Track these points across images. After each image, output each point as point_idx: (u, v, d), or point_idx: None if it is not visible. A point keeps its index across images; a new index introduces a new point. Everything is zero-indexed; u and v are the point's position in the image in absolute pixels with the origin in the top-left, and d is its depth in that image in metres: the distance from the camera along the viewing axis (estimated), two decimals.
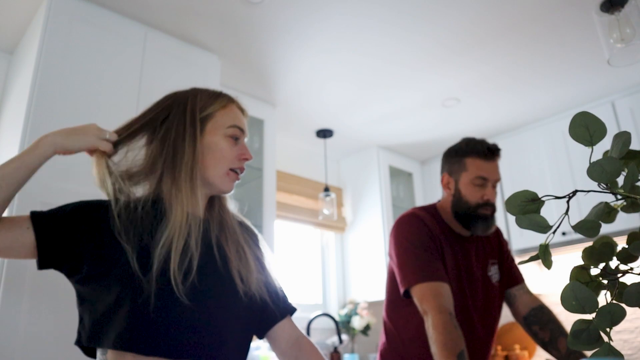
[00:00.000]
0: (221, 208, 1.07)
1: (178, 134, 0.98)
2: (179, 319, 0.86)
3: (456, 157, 1.55)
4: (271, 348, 1.08)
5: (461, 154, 1.53)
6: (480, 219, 1.48)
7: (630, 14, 1.70)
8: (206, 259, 0.96)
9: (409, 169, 3.72)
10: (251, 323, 1.00)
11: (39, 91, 1.76)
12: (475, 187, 1.49)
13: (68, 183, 1.74)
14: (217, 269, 0.96)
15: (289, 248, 3.29)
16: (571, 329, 0.53)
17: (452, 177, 1.55)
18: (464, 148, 1.53)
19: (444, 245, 1.49)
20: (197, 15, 2.11)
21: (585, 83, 2.77)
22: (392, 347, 1.55)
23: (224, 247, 1.00)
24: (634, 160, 0.54)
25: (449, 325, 1.27)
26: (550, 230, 0.54)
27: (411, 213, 1.56)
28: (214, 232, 1.01)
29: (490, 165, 1.50)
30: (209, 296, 0.91)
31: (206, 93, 1.05)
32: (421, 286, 1.38)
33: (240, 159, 1.02)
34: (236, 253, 1.00)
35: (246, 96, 2.75)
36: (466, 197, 1.50)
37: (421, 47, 2.38)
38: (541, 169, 3.09)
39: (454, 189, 1.54)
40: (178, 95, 1.04)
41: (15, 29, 2.11)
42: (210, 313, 0.90)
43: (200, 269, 0.93)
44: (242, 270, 0.98)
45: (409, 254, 1.45)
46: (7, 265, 1.55)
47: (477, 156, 1.50)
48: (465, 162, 1.51)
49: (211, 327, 0.89)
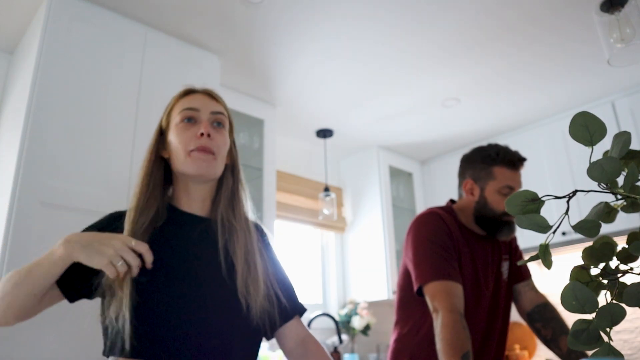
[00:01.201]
0: (228, 209, 1.03)
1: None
2: (179, 328, 0.86)
3: (483, 164, 1.54)
4: (278, 346, 1.07)
5: (489, 162, 1.52)
6: (505, 226, 1.50)
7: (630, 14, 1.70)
8: (210, 264, 0.95)
9: (409, 169, 3.72)
10: (257, 330, 0.97)
11: (39, 91, 1.76)
12: (502, 196, 1.49)
13: (68, 183, 1.74)
14: (221, 277, 0.94)
15: (289, 248, 3.29)
16: (571, 329, 0.53)
17: (477, 184, 1.54)
18: (493, 156, 1.52)
19: (461, 245, 1.50)
20: (197, 15, 2.11)
21: (585, 83, 2.77)
22: (403, 344, 1.55)
23: (232, 255, 0.97)
24: (634, 160, 0.54)
25: (458, 325, 1.28)
26: (550, 230, 0.54)
27: (431, 212, 1.56)
28: (222, 236, 0.98)
29: (516, 175, 1.52)
30: (209, 305, 0.90)
31: (173, 97, 1.08)
32: (435, 284, 1.38)
33: (197, 137, 0.99)
34: (245, 263, 0.96)
35: (246, 96, 2.75)
36: (492, 204, 1.50)
37: (421, 47, 2.38)
38: (541, 169, 3.09)
39: (478, 195, 1.53)
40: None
41: (15, 29, 2.11)
42: (211, 324, 0.89)
43: (203, 274, 0.92)
44: (250, 284, 0.94)
45: (426, 251, 1.45)
46: (7, 265, 1.55)
47: (505, 166, 1.51)
48: (494, 171, 1.51)
49: (213, 337, 0.88)
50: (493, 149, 1.55)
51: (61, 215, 1.69)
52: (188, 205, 1.02)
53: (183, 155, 0.98)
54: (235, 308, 0.92)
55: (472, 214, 1.55)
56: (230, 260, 0.96)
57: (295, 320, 1.06)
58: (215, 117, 1.03)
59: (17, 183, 1.64)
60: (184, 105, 1.02)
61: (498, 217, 1.50)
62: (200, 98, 1.04)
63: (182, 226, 0.99)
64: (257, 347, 0.99)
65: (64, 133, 1.78)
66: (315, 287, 3.44)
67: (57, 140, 1.76)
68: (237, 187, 1.06)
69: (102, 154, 1.85)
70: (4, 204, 1.68)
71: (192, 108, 1.01)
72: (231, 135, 1.09)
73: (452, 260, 1.43)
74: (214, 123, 1.03)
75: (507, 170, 1.51)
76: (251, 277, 0.95)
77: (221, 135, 1.02)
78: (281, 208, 3.11)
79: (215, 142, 1.00)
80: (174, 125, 1.01)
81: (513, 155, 1.52)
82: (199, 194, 1.02)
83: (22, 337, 1.52)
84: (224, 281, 0.94)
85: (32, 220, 1.63)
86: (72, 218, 1.69)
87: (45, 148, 1.72)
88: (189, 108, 1.01)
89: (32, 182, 1.67)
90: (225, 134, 1.04)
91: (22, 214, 1.62)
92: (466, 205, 1.57)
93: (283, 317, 1.03)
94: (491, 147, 1.56)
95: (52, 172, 1.71)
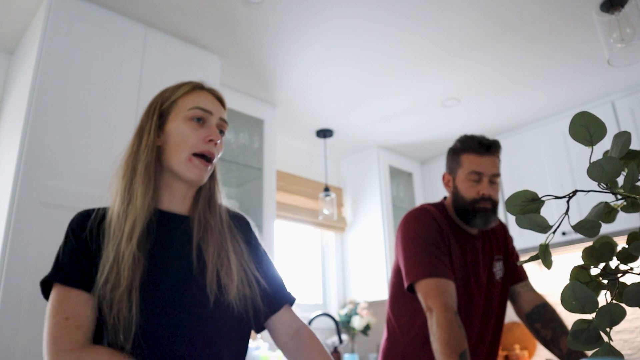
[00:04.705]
0: (206, 206, 1.01)
1: (137, 132, 0.98)
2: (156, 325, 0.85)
3: (454, 154, 1.57)
4: (273, 341, 1.05)
5: (457, 151, 1.55)
6: (478, 213, 1.48)
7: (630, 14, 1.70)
8: (183, 262, 0.93)
9: (409, 169, 3.72)
10: (238, 320, 0.94)
11: (39, 91, 1.76)
12: (470, 183, 1.49)
13: (68, 183, 1.74)
14: (192, 274, 0.92)
15: (289, 248, 3.29)
16: (571, 329, 0.53)
17: (451, 175, 1.57)
18: (460, 145, 1.55)
19: (452, 242, 1.49)
20: (197, 15, 2.11)
21: (585, 83, 2.77)
22: (394, 344, 1.54)
23: (204, 251, 0.95)
24: (634, 160, 0.54)
25: (454, 324, 1.27)
26: (550, 230, 0.54)
27: (422, 208, 1.56)
28: (197, 234, 0.96)
29: (485, 159, 1.49)
30: (183, 303, 0.89)
31: (173, 86, 1.03)
32: (427, 281, 1.37)
33: (205, 142, 0.95)
34: (218, 258, 0.94)
35: (246, 96, 2.75)
36: (462, 192, 1.51)
37: (421, 47, 2.38)
38: (541, 169, 3.09)
39: (452, 186, 1.55)
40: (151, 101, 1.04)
41: (15, 29, 2.11)
42: (183, 319, 0.87)
43: (175, 273, 0.91)
44: (223, 277, 0.92)
45: (417, 248, 1.44)
46: (7, 265, 1.55)
47: (470, 152, 1.51)
48: (461, 159, 1.53)
49: (189, 331, 0.87)
50: (462, 138, 1.56)
51: (61, 215, 1.69)
52: (169, 202, 0.99)
53: (185, 155, 0.95)
54: (205, 304, 0.90)
55: (452, 207, 1.55)
56: (202, 257, 0.94)
57: (285, 311, 1.04)
58: (221, 124, 1.02)
59: (17, 183, 1.64)
60: (198, 102, 0.98)
61: (469, 205, 1.48)
62: (213, 101, 1.01)
63: (163, 227, 0.95)
64: (243, 338, 0.97)
65: (64, 133, 1.78)
66: (315, 287, 3.44)
67: (57, 141, 1.76)
68: (214, 187, 1.05)
69: (102, 154, 1.85)
70: (4, 204, 1.68)
71: (206, 110, 0.98)
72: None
73: (443, 257, 1.42)
74: (218, 129, 1.01)
75: (473, 155, 1.50)
76: (223, 271, 0.93)
77: (221, 143, 1.01)
78: (281, 208, 3.11)
79: (217, 150, 0.99)
80: (182, 118, 0.97)
81: (478, 140, 1.51)
82: (182, 193, 1.00)
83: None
84: (195, 278, 0.92)
85: (32, 220, 1.63)
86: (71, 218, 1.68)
87: (45, 148, 1.72)
88: (204, 109, 0.98)
89: (31, 182, 1.67)
90: (223, 141, 1.03)
91: (22, 214, 1.62)
92: (449, 199, 1.59)
93: (271, 307, 1.01)
94: (460, 137, 1.57)
95: (51, 172, 1.71)
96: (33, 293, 1.57)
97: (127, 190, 0.92)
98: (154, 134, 0.96)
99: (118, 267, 0.84)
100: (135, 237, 0.87)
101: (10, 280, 1.55)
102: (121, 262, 0.85)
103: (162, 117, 0.99)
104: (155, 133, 0.96)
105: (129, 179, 0.93)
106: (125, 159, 0.97)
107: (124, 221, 0.89)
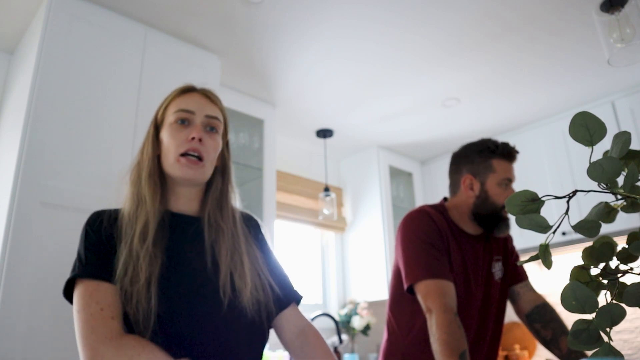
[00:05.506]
0: (215, 207, 1.03)
1: (142, 143, 1.05)
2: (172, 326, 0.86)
3: (481, 158, 1.53)
4: (278, 339, 1.06)
5: (488, 155, 1.52)
6: (503, 221, 1.50)
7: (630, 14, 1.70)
8: (197, 261, 0.95)
9: (409, 169, 3.72)
10: (252, 323, 0.95)
11: (39, 91, 1.76)
12: (502, 189, 1.50)
13: (67, 183, 1.74)
14: (207, 274, 0.94)
15: (289, 248, 3.29)
16: (571, 329, 0.53)
17: (477, 179, 1.53)
18: (492, 149, 1.53)
19: (451, 244, 1.49)
20: (197, 15, 2.11)
21: (585, 83, 2.77)
22: (394, 345, 1.54)
23: (217, 253, 0.97)
24: (634, 160, 0.54)
25: (454, 324, 1.27)
26: (550, 230, 0.54)
27: (421, 209, 1.55)
28: (209, 235, 0.98)
29: (512, 167, 1.53)
30: (200, 296, 0.90)
31: (172, 92, 1.07)
32: (426, 283, 1.37)
33: (188, 141, 0.98)
34: (231, 261, 0.96)
35: (246, 96, 2.75)
36: (493, 198, 1.50)
37: (421, 47, 2.38)
38: (541, 169, 3.09)
39: (479, 190, 1.52)
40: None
41: (15, 29, 2.11)
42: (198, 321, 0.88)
43: (192, 269, 0.93)
44: (237, 280, 0.94)
45: (416, 250, 1.44)
46: (7, 265, 1.55)
47: (502, 158, 1.51)
48: (493, 164, 1.51)
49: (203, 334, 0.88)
50: (489, 142, 1.55)
51: (61, 215, 1.69)
52: (175, 204, 1.02)
53: (172, 158, 0.98)
54: (218, 305, 0.91)
55: (470, 211, 1.53)
56: (215, 259, 0.96)
57: (292, 309, 1.05)
58: (209, 121, 1.02)
59: (17, 183, 1.64)
60: (180, 105, 1.02)
61: (498, 211, 1.49)
62: (197, 99, 1.03)
63: (175, 228, 0.98)
64: (259, 342, 0.98)
65: (64, 133, 1.78)
66: (315, 287, 3.44)
67: (57, 141, 1.76)
68: (227, 188, 1.06)
69: (102, 154, 1.85)
70: (4, 204, 1.68)
71: (187, 110, 1.01)
72: (225, 137, 1.09)
73: (442, 259, 1.43)
74: (207, 127, 1.02)
75: (505, 162, 1.51)
76: (237, 274, 0.95)
77: (212, 140, 1.02)
78: (281, 208, 3.11)
79: (206, 146, 1.00)
80: (168, 124, 1.01)
81: (510, 147, 1.54)
82: (186, 195, 1.02)
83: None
84: (209, 279, 0.93)
85: (32, 220, 1.63)
86: (71, 218, 1.69)
87: (45, 148, 1.72)
88: (185, 110, 1.01)
89: (31, 182, 1.67)
90: (217, 138, 1.04)
91: (22, 214, 1.62)
92: (462, 202, 1.56)
93: (278, 305, 1.03)
94: (487, 141, 1.56)
95: (51, 172, 1.71)
96: (33, 293, 1.58)
97: (136, 194, 0.97)
98: (152, 145, 1.02)
99: (135, 263, 0.87)
100: (150, 234, 0.91)
101: (10, 280, 1.55)
102: (138, 258, 0.88)
103: (157, 128, 1.05)
104: (153, 144, 1.02)
105: (137, 185, 0.99)
106: (133, 166, 1.03)
107: (135, 221, 0.93)
